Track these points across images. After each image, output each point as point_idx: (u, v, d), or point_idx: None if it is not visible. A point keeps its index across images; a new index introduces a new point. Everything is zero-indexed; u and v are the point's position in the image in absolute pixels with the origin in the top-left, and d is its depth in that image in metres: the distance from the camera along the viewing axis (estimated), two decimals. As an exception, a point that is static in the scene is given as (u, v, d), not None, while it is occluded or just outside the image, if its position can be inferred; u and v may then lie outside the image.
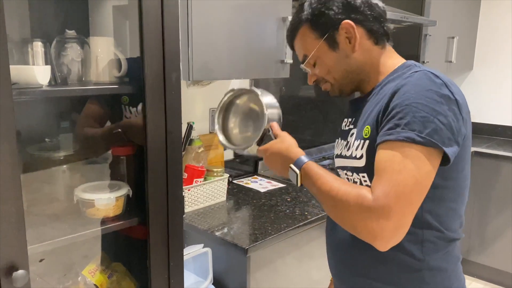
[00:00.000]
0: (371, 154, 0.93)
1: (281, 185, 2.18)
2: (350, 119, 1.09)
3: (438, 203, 0.95)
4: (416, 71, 0.92)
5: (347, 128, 1.08)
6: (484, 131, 3.63)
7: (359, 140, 0.98)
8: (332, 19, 1.00)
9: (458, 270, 1.03)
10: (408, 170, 0.84)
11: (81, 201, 1.13)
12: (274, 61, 1.83)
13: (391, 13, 2.28)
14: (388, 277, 0.99)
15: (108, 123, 1.33)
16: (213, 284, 1.60)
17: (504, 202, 2.98)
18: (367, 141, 0.95)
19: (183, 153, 1.87)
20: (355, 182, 1.01)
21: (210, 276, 1.57)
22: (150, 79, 1.08)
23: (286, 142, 1.05)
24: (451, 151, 0.86)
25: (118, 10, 1.35)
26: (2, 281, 0.89)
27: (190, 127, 1.87)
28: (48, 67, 1.03)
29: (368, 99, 1.02)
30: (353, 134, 1.03)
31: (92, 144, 1.33)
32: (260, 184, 2.17)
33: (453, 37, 3.14)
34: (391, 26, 1.07)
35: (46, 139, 1.21)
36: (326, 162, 2.71)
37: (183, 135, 1.84)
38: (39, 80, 0.98)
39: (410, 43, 2.94)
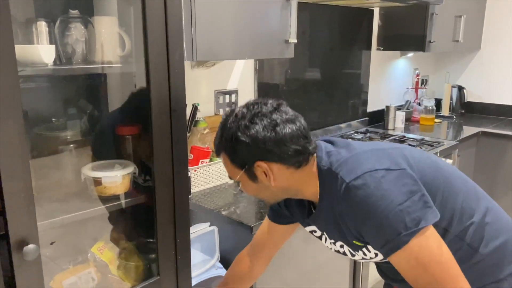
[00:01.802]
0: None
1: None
2: (321, 233, 1.14)
3: (443, 216, 0.99)
4: (355, 185, 0.93)
5: (329, 243, 1.14)
6: (491, 111, 3.60)
7: (362, 250, 1.04)
8: (245, 158, 0.98)
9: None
10: (429, 258, 0.90)
11: (89, 179, 1.15)
12: (279, 41, 1.82)
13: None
14: None
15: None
16: (219, 262, 1.62)
17: (511, 181, 2.97)
18: (367, 245, 1.02)
19: (188, 134, 1.88)
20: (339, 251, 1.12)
21: (217, 254, 1.60)
22: (153, 58, 1.08)
23: None
24: (433, 216, 0.93)
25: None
26: (13, 255, 0.91)
27: (195, 109, 1.88)
28: (53, 46, 1.04)
29: (322, 216, 1.06)
30: (343, 245, 1.09)
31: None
32: (266, 165, 2.18)
33: (460, 16, 3.09)
34: (312, 142, 1.01)
35: (53, 119, 1.22)
36: (332, 143, 2.71)
37: (188, 117, 1.85)
38: (44, 59, 0.99)
39: (416, 22, 2.90)
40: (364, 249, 1.04)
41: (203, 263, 1.57)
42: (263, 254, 1.31)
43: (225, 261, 1.64)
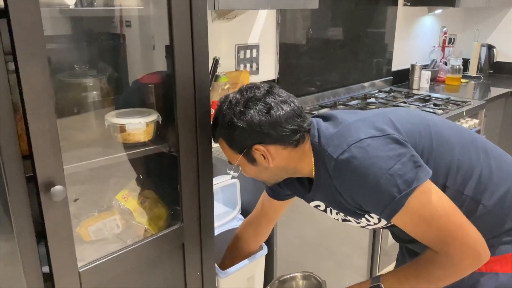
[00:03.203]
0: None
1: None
2: (326, 206, 1.14)
3: (439, 172, 0.98)
4: (343, 159, 0.93)
5: (335, 214, 1.14)
6: (521, 71, 3.47)
7: (365, 217, 1.04)
8: (243, 143, 1.01)
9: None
10: (431, 212, 0.91)
11: (112, 126, 1.15)
12: (303, -9, 1.76)
13: None
14: None
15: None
16: (241, 214, 1.64)
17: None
18: (368, 213, 1.02)
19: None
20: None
21: (238, 207, 1.61)
22: (175, 1, 1.05)
23: None
24: (425, 174, 0.92)
25: None
26: (41, 196, 0.92)
27: (216, 62, 1.85)
28: (74, -12, 1.02)
29: (320, 191, 1.07)
30: (346, 215, 1.09)
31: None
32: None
33: (494, -31, 2.94)
34: (306, 120, 1.03)
35: (76, 66, 1.21)
36: (355, 102, 2.66)
37: (209, 70, 1.82)
38: (65, -1, 0.97)
39: (446, -24, 2.77)
40: (366, 216, 1.04)
41: (224, 214, 1.59)
42: (259, 229, 1.38)
43: (246, 214, 1.65)
